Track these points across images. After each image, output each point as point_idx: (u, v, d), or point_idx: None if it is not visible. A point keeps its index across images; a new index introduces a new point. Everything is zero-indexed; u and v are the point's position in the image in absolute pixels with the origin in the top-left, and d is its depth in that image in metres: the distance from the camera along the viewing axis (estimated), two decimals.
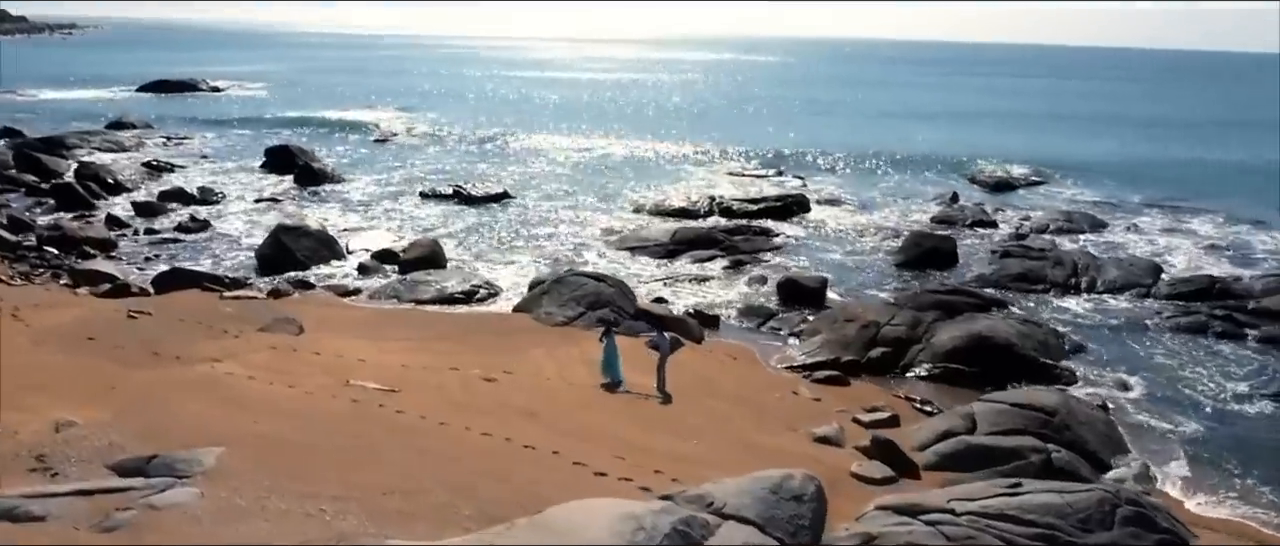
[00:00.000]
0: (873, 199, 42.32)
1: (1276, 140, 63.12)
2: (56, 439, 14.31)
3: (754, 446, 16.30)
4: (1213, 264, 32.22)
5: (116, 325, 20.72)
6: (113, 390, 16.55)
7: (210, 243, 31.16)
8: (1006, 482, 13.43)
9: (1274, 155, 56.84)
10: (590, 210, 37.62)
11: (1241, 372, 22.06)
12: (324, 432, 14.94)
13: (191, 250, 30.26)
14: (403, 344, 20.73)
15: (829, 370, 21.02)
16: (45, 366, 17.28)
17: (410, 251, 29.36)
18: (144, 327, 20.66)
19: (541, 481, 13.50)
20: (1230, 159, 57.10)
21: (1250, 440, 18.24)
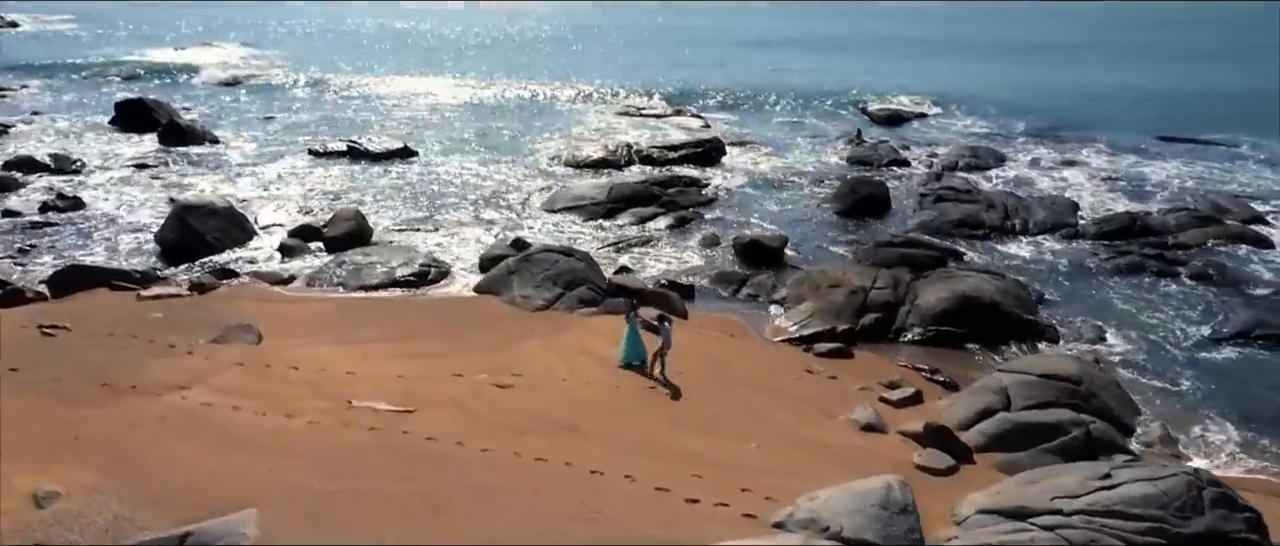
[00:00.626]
0: (779, 139, 42.30)
1: (1151, 68, 67.40)
2: (44, 518, 12.19)
3: (809, 443, 15.85)
4: (1117, 198, 34.06)
5: (34, 347, 17.86)
6: (77, 440, 14.20)
7: (91, 225, 27.47)
8: (1093, 473, 13.51)
9: (1148, 83, 60.74)
10: (504, 165, 35.71)
11: (1195, 315, 23.41)
12: (358, 475, 13.36)
13: (72, 236, 26.58)
14: (383, 346, 18.93)
15: (828, 341, 20.76)
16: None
17: (334, 226, 26.94)
18: (70, 348, 17.89)
19: (634, 516, 12.59)
20: (1105, 85, 60.54)
21: (1233, 389, 19.38)
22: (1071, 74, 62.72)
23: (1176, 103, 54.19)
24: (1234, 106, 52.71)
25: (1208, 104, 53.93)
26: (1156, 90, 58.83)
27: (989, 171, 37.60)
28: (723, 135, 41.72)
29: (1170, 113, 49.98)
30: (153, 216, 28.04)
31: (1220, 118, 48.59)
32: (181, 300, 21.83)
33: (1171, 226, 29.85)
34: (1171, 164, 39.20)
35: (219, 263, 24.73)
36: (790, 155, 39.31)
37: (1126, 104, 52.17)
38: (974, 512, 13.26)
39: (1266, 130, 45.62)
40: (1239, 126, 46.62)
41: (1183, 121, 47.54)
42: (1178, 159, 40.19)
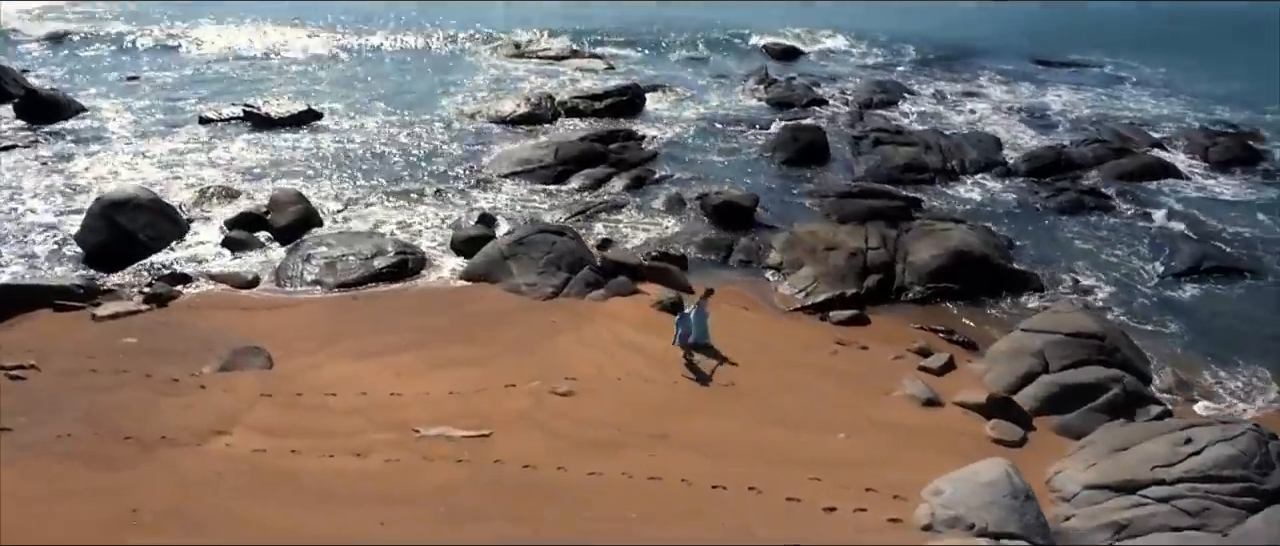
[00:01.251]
0: (690, 80, 42.06)
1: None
2: None
3: (885, 427, 16.26)
4: (1027, 131, 36.01)
5: (8, 396, 15.75)
6: (137, 514, 12.76)
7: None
8: (1176, 440, 14.55)
9: (1011, 8, 63.48)
10: (422, 126, 33.81)
11: (1144, 251, 25.35)
12: (476, 518, 12.75)
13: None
14: (410, 357, 17.88)
15: (840, 308, 21.17)
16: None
17: (279, 212, 24.95)
18: (54, 394, 15.94)
19: (793, 534, 12.58)
20: (974, 13, 62.89)
21: (1209, 326, 21.32)
22: (944, 4, 65.00)
23: (1042, 27, 57.41)
24: (1093, 30, 56.42)
25: (1069, 28, 57.43)
26: (1022, 13, 62.07)
27: (901, 106, 38.82)
28: (630, 78, 40.99)
29: (1039, 36, 52.91)
30: (58, 213, 25.01)
31: (1083, 41, 51.91)
32: (144, 317, 19.74)
33: (1090, 159, 31.92)
34: (1062, 91, 41.70)
35: (162, 265, 22.43)
36: (709, 99, 39.17)
37: (998, 30, 54.78)
38: (1081, 488, 14.00)
39: (1124, 51, 49.23)
40: (1101, 48, 50.06)
41: (1052, 45, 50.49)
42: (1065, 85, 42.79)
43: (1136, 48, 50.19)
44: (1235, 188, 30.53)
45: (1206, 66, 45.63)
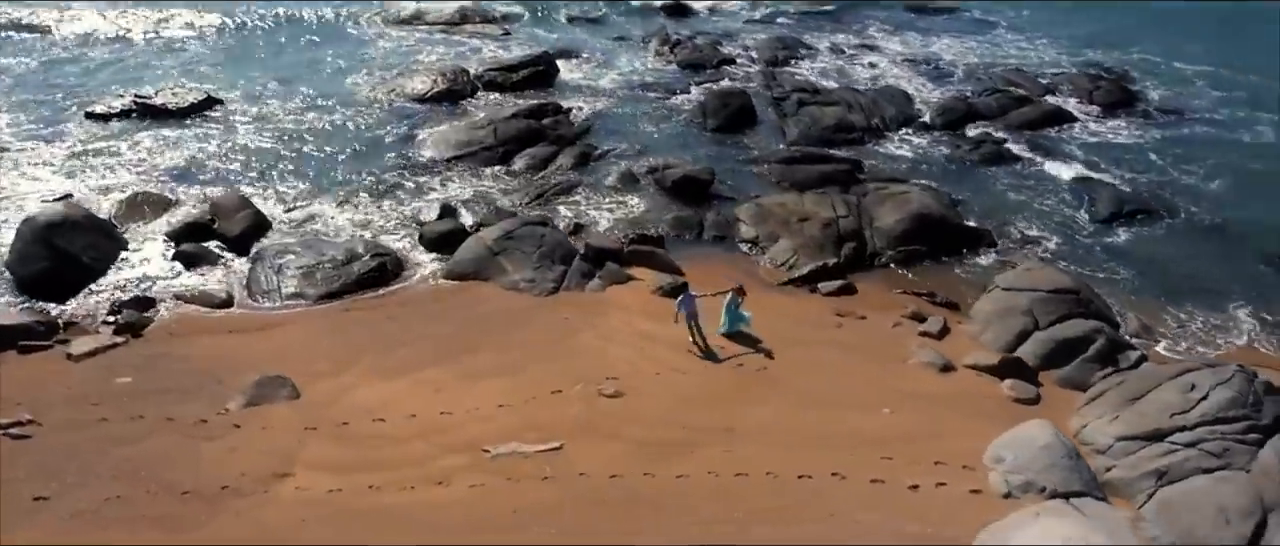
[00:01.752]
0: (593, 44, 41.62)
1: None
2: None
3: (917, 397, 17.41)
4: (929, 83, 37.94)
5: (21, 459, 14.75)
6: None
7: None
8: (1182, 386, 16.31)
9: None
10: (335, 108, 32.29)
11: (1070, 199, 27.65)
12: (593, 536, 13.07)
13: None
14: (439, 372, 17.74)
15: (826, 279, 22.20)
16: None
17: (226, 219, 23.70)
18: (73, 450, 15.02)
19: (894, 518, 13.48)
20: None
21: (1148, 268, 23.62)
22: None
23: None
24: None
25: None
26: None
27: (806, 63, 40.04)
28: (534, 45, 40.47)
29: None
30: None
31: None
32: (126, 351, 18.63)
33: (995, 110, 34.13)
34: (947, 40, 43.92)
35: (116, 288, 21.01)
36: (619, 63, 39.11)
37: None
38: (1114, 441, 15.58)
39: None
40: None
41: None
42: (947, 34, 45.05)
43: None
44: (1124, 130, 33.38)
45: (1070, 8, 48.92)
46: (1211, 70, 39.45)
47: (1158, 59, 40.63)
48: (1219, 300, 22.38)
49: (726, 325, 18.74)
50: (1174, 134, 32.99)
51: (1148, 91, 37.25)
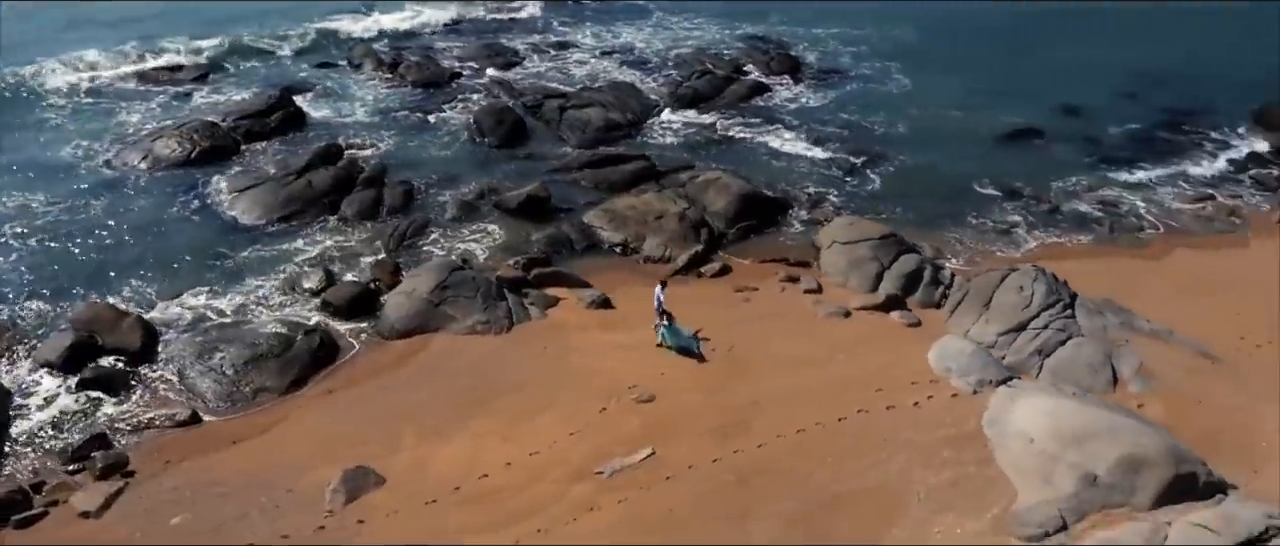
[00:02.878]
0: (305, 77, 41.19)
1: None
2: None
3: (845, 340, 22.53)
4: (640, 73, 43.02)
5: None
6: None
7: None
8: (1009, 286, 23.19)
9: None
10: (89, 195, 29.85)
11: (821, 155, 34.41)
12: (753, 508, 16.74)
13: None
14: (487, 423, 19.50)
15: (698, 265, 26.63)
16: None
17: (113, 334, 22.28)
18: None
19: (919, 430, 18.53)
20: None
21: (907, 202, 30.78)
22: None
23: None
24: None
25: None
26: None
27: (522, 67, 43.33)
28: (246, 83, 39.39)
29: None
30: None
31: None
32: (135, 492, 17.86)
33: (713, 91, 40.23)
34: (627, 30, 49.32)
35: (47, 437, 19.47)
36: (355, 93, 39.06)
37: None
38: (996, 337, 22.02)
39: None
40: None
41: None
42: (622, 23, 50.40)
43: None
44: (808, 93, 41.21)
45: None
46: (838, 32, 49.12)
47: (798, 28, 49.55)
48: (951, 220, 30.12)
49: (666, 338, 21.93)
50: (845, 91, 41.45)
51: (805, 56, 45.72)
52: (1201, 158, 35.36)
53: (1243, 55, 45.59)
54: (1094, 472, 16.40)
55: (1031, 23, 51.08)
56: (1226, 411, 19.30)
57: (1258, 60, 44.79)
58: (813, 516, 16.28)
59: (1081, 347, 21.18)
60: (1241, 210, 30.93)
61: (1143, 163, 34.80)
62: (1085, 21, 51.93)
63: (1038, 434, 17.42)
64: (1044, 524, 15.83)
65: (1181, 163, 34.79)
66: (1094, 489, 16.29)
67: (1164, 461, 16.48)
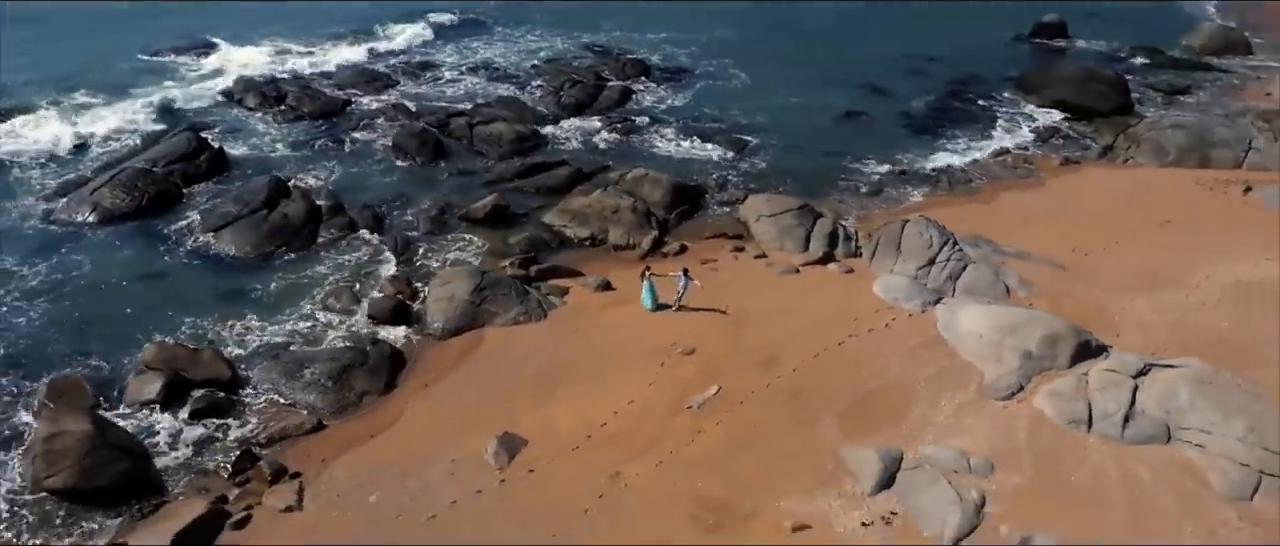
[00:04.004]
0: (190, 116, 42.36)
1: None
2: None
3: (803, 291, 29.04)
4: (515, 87, 47.65)
5: None
6: None
7: None
8: (910, 231, 30.76)
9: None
10: (39, 260, 30.94)
11: (699, 148, 40.84)
12: (829, 400, 22.96)
13: None
14: (572, 390, 23.90)
15: (662, 249, 32.34)
16: None
17: (198, 367, 24.84)
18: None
19: (905, 345, 25.41)
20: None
21: (781, 177, 37.95)
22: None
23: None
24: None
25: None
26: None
27: (401, 88, 46.63)
28: (139, 122, 40.34)
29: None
30: None
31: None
32: (314, 487, 21.13)
33: (589, 98, 45.68)
34: (481, 45, 53.51)
35: (180, 468, 22.12)
36: (258, 129, 40.79)
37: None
38: (915, 271, 29.36)
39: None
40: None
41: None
42: (474, 39, 54.57)
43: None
44: (669, 94, 47.46)
45: (528, 6, 61.43)
46: (667, 36, 55.85)
47: (632, 34, 55.79)
48: (832, 188, 37.51)
49: (647, 300, 27.52)
50: (698, 89, 48.14)
51: (650, 59, 52.01)
52: (990, 119, 45.08)
53: (992, 35, 56.86)
54: (1028, 349, 23.79)
55: (825, 19, 60.28)
56: (1084, 301, 27.50)
57: (1001, 37, 56.20)
58: (856, 410, 22.54)
59: (978, 270, 28.83)
60: (1033, 158, 40.46)
61: (949, 129, 43.92)
62: (865, 16, 61.81)
63: (982, 330, 24.66)
64: (1009, 388, 23.02)
65: (977, 125, 44.29)
66: (1031, 360, 23.68)
67: (1069, 335, 24.15)
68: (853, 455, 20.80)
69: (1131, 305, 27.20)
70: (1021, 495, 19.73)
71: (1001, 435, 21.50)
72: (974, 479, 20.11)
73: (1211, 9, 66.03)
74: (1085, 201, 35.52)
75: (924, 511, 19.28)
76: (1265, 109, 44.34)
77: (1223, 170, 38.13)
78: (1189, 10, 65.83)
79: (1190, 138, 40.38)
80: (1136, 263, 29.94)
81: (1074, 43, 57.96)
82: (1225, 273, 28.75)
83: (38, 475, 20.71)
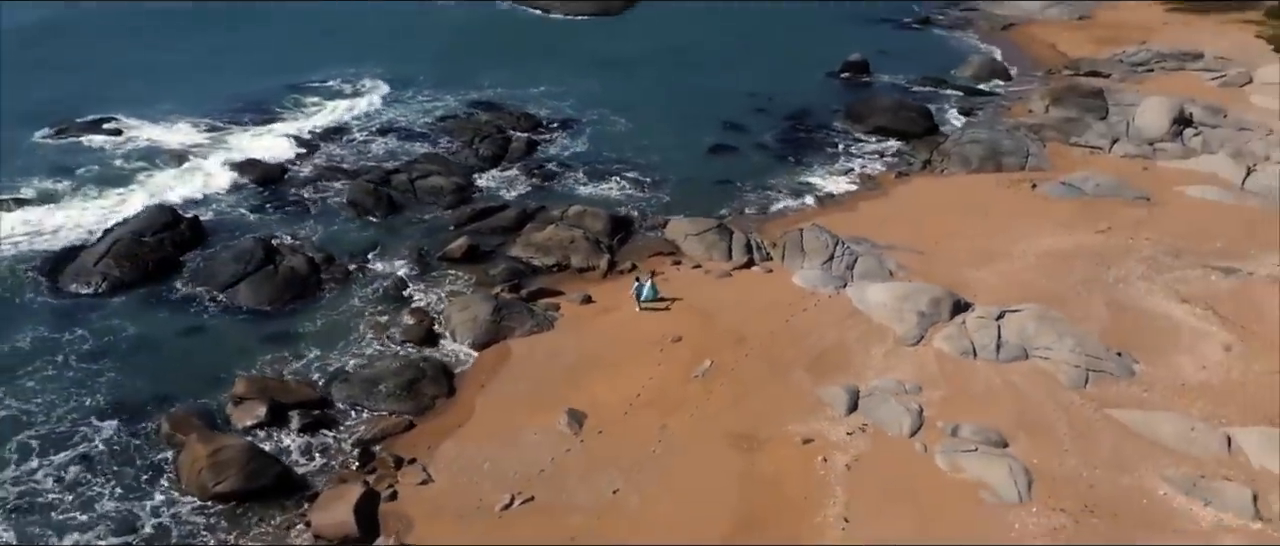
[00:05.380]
0: (154, 189, 46.04)
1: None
2: None
3: (743, 288, 37.73)
4: (430, 144, 53.90)
5: None
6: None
7: None
8: (810, 238, 40.20)
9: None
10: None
11: (612, 183, 48.99)
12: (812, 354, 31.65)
13: None
14: (603, 380, 31.39)
15: (616, 268, 40.21)
16: None
17: (286, 393, 30.31)
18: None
19: (837, 317, 34.54)
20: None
21: (688, 202, 46.77)
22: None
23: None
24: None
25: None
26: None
27: (324, 151, 51.78)
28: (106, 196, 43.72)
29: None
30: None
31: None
32: (437, 465, 27.47)
33: (500, 151, 52.68)
34: (383, 106, 59.11)
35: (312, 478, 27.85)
36: (222, 196, 45.58)
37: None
38: (819, 266, 38.70)
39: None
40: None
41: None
42: (373, 95, 60.07)
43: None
44: (568, 141, 54.95)
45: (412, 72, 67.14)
46: (544, 89, 63.30)
47: (514, 90, 62.87)
48: (728, 209, 46.39)
49: (649, 295, 35.41)
50: (590, 135, 55.74)
51: (538, 113, 59.37)
52: (832, 144, 55.52)
53: (809, 75, 68.25)
54: (921, 310, 33.32)
55: (668, 71, 69.52)
56: (945, 275, 37.44)
57: (816, 76, 67.83)
58: (816, 365, 31.09)
59: (867, 260, 38.36)
60: (874, 174, 51.12)
61: (804, 155, 53.80)
62: (701, 65, 71.56)
63: (886, 301, 34.03)
64: (914, 337, 32.37)
65: (824, 150, 54.52)
66: (924, 317, 33.19)
67: (946, 298, 33.91)
68: (825, 392, 29.34)
69: (977, 274, 37.39)
70: (944, 403, 28.88)
71: (919, 368, 30.70)
72: (910, 397, 29.10)
73: (977, 43, 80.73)
74: (922, 204, 46.15)
75: (885, 421, 28.02)
76: (1031, 123, 57.29)
77: (1013, 173, 49.92)
78: (956, 45, 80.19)
79: (985, 150, 52.24)
80: (971, 245, 40.41)
81: (877, 77, 70.12)
82: (1034, 246, 39.70)
83: (206, 484, 25.78)
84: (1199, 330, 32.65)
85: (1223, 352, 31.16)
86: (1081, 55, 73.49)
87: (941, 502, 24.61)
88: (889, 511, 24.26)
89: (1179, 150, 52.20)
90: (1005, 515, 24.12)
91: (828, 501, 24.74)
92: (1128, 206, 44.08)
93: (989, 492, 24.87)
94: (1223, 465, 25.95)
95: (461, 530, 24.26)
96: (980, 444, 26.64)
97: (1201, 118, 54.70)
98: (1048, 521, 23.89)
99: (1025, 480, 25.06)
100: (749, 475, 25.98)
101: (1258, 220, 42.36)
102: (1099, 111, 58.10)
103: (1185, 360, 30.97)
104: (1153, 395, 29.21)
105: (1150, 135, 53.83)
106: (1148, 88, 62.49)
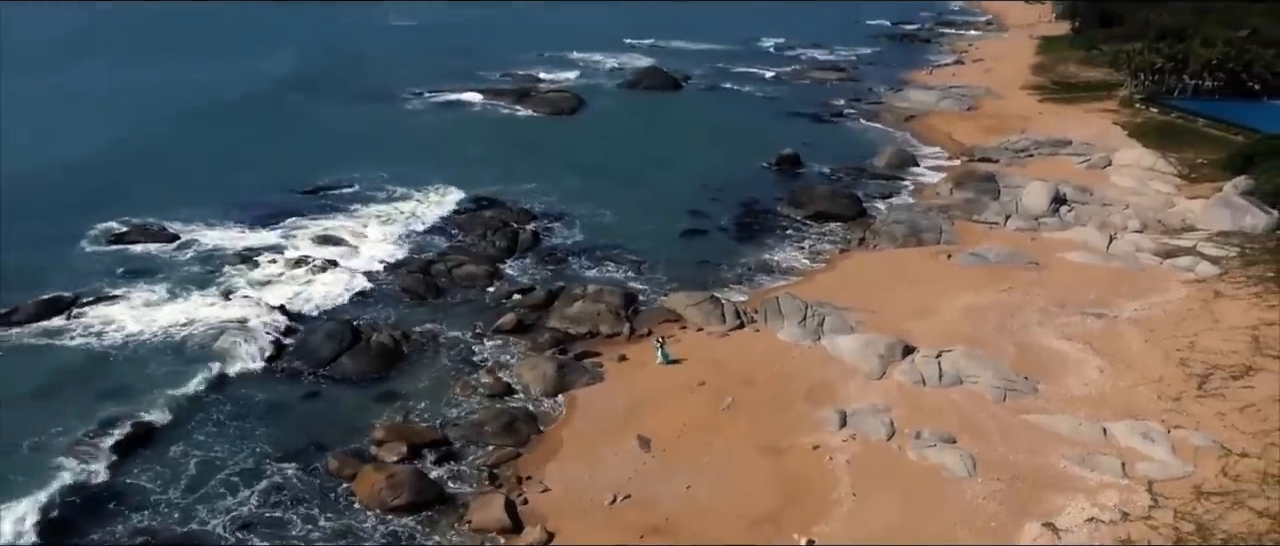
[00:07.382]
0: (172, 273, 55.18)
1: None
2: None
3: (733, 342, 49.03)
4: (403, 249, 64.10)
5: None
6: None
7: None
8: (792, 308, 51.89)
9: None
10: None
11: (588, 257, 59.96)
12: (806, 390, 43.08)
13: None
14: (649, 410, 42.18)
15: (635, 333, 51.04)
16: None
17: (411, 437, 40.10)
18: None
19: (806, 358, 46.06)
20: None
21: (674, 274, 58.07)
22: None
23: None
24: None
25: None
26: None
27: (359, 253, 61.54)
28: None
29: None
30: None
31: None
32: (553, 475, 37.60)
33: (511, 244, 63.24)
34: (383, 220, 68.95)
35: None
36: (304, 292, 54.80)
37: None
38: (797, 326, 50.32)
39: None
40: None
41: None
42: (378, 216, 69.84)
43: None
44: (564, 233, 65.74)
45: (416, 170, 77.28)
46: (535, 187, 74.17)
47: (508, 187, 73.55)
48: (713, 284, 57.68)
49: (663, 358, 46.21)
50: (582, 228, 66.49)
51: (534, 209, 70.04)
52: (783, 227, 67.63)
53: (749, 167, 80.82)
54: (881, 353, 44.98)
55: (634, 166, 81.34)
56: (893, 327, 49.22)
57: (755, 168, 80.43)
58: (810, 395, 42.23)
59: (833, 319, 49.94)
60: (821, 250, 63.30)
61: (760, 236, 65.73)
62: (657, 159, 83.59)
63: (854, 348, 45.63)
64: (878, 373, 43.89)
65: (776, 231, 66.61)
66: (883, 358, 44.82)
67: (898, 344, 45.69)
68: (821, 414, 40.44)
69: (917, 325, 49.34)
70: (908, 417, 40.26)
71: (886, 394, 42.14)
72: (883, 414, 40.40)
73: (889, 131, 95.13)
74: (864, 274, 58.32)
75: (868, 431, 39.19)
76: (940, 204, 70.69)
77: (931, 247, 62.75)
78: (870, 136, 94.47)
79: (907, 228, 65.09)
80: (909, 304, 52.50)
81: (808, 167, 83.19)
82: (956, 303, 52.04)
83: (386, 501, 35.15)
84: (1080, 359, 44.98)
85: (1098, 373, 43.48)
86: (974, 143, 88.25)
87: (916, 480, 35.71)
88: (882, 487, 35.23)
89: (1058, 224, 66.02)
90: (961, 485, 35.34)
91: (838, 484, 35.57)
92: (1023, 270, 57.03)
93: (948, 472, 36.10)
94: (1101, 446, 37.80)
95: (584, 520, 34.16)
96: (937, 441, 37.96)
97: (1073, 196, 68.97)
98: (989, 487, 35.19)
99: (971, 463, 36.38)
100: (779, 472, 36.65)
101: (1120, 277, 55.75)
102: (992, 193, 71.92)
103: (1072, 380, 43.14)
104: (1051, 404, 41.12)
105: (1035, 212, 67.65)
106: (1029, 171, 77.00)
